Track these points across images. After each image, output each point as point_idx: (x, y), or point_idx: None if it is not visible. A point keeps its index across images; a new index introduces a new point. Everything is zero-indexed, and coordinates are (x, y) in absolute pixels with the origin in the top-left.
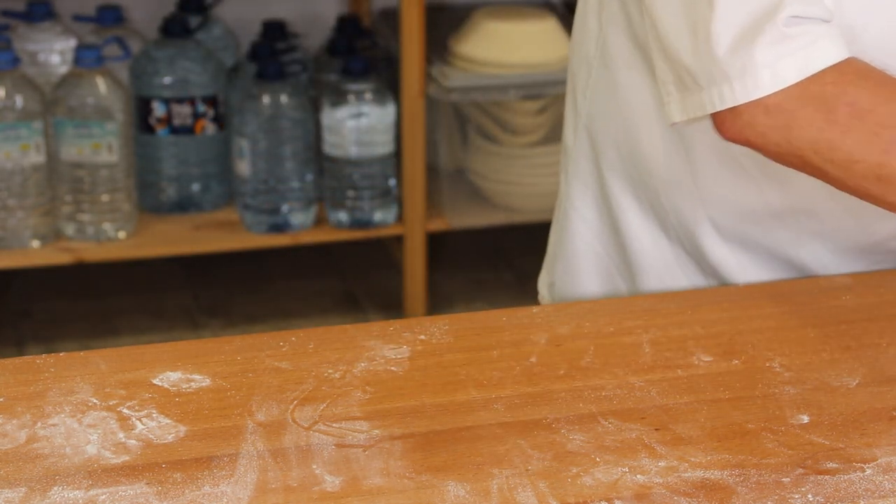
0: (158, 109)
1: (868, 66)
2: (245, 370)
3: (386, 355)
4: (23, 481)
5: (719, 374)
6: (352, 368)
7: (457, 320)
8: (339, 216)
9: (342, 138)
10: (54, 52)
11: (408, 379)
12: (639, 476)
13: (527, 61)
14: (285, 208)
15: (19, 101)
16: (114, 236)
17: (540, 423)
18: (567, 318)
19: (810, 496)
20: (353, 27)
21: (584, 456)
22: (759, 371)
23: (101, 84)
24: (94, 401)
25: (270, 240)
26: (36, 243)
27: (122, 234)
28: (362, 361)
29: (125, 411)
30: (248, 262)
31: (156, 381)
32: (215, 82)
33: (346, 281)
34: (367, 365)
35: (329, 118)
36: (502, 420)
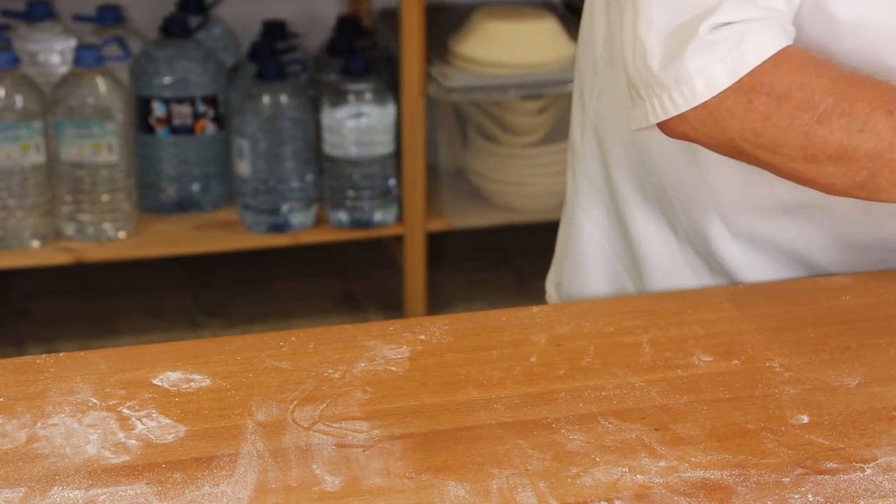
0: (158, 109)
1: (802, 52)
2: (245, 370)
3: (386, 355)
4: (23, 481)
5: (719, 374)
6: (352, 368)
7: (457, 320)
8: (339, 216)
9: (342, 138)
10: (54, 52)
11: (408, 379)
12: (639, 476)
13: (527, 61)
14: (285, 208)
15: (19, 101)
16: (114, 236)
17: (540, 423)
18: (567, 318)
19: (810, 496)
20: (353, 27)
21: (584, 456)
22: (758, 371)
23: (101, 84)
24: (94, 401)
25: (270, 240)
26: (36, 243)
27: (122, 234)
28: (362, 361)
29: (125, 411)
30: (248, 262)
31: (156, 381)
32: (215, 82)
33: (346, 281)
34: (367, 365)
35: (329, 118)
36: (502, 420)
